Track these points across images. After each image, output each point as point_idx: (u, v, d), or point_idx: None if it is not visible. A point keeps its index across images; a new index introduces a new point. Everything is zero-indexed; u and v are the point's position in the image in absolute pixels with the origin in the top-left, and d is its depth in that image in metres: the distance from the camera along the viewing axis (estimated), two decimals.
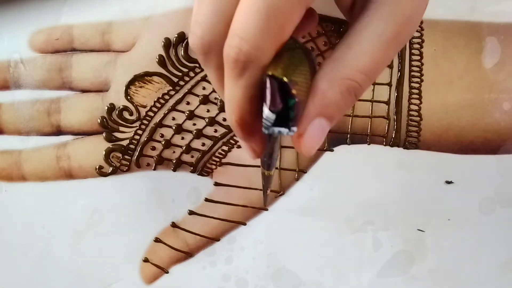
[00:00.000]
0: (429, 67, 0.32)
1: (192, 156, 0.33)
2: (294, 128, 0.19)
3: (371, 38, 0.19)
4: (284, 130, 0.19)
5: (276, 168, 0.33)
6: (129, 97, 0.32)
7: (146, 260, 0.33)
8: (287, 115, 0.18)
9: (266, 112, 0.18)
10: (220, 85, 0.21)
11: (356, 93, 0.20)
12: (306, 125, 0.19)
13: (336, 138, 0.32)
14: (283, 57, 0.19)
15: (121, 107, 0.32)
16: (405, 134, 0.32)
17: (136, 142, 0.33)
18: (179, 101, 0.32)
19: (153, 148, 0.33)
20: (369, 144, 0.32)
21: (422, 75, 0.32)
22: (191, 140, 0.33)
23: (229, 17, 0.19)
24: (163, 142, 0.33)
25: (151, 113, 0.33)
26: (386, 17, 0.19)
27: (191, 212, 0.33)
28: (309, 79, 0.19)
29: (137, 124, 0.33)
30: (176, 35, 0.32)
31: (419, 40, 0.32)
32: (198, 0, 0.20)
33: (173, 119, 0.33)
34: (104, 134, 0.33)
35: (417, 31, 0.32)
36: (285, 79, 0.18)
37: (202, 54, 0.20)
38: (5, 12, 0.33)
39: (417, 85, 0.32)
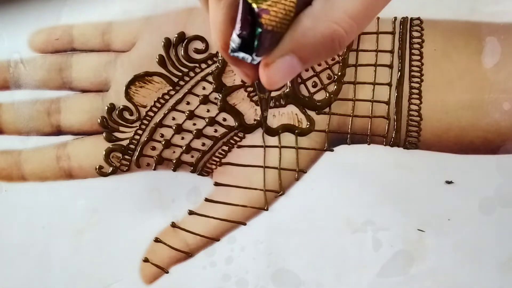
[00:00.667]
0: (429, 67, 0.32)
1: (192, 156, 0.33)
2: (257, 58, 0.18)
3: None
4: (247, 56, 0.18)
5: (276, 168, 0.33)
6: (129, 97, 0.32)
7: (146, 260, 0.33)
8: (251, 43, 0.17)
9: (233, 35, 0.18)
10: (206, 5, 0.20)
11: (340, 42, 0.18)
12: (275, 56, 0.18)
13: (336, 138, 0.32)
14: None
15: (121, 107, 0.32)
16: (405, 134, 0.32)
17: (136, 142, 0.33)
18: (179, 101, 0.32)
19: (153, 148, 0.33)
20: (369, 144, 0.32)
21: (422, 75, 0.32)
22: (191, 140, 0.33)
23: None
24: (163, 142, 0.33)
25: (151, 113, 0.33)
26: None
27: (191, 212, 0.33)
28: (292, 11, 0.18)
29: (137, 124, 0.33)
30: (176, 35, 0.32)
31: (419, 40, 0.32)
32: None
33: (173, 119, 0.33)
34: (104, 134, 0.33)
35: (417, 31, 0.32)
36: (254, 5, 0.17)
37: None
38: (5, 12, 0.33)
39: (417, 85, 0.32)
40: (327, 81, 0.32)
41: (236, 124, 0.32)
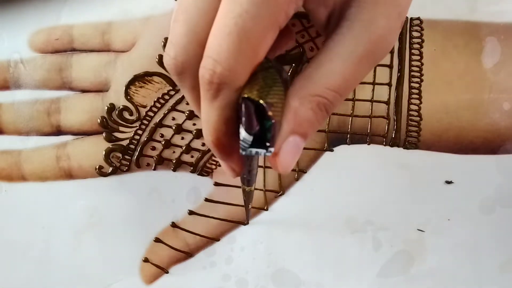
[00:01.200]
0: (429, 67, 0.32)
1: (192, 156, 0.33)
2: (272, 149, 0.19)
3: (342, 56, 0.19)
4: (261, 151, 0.19)
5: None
6: (129, 97, 0.32)
7: (146, 260, 0.33)
8: (264, 136, 0.18)
9: (243, 134, 0.18)
10: (196, 104, 0.21)
11: (327, 109, 0.20)
12: (280, 143, 0.20)
13: (336, 138, 0.32)
14: (258, 78, 0.19)
15: (121, 107, 0.32)
16: (405, 134, 0.32)
17: (136, 142, 0.33)
18: (179, 101, 0.32)
19: (153, 148, 0.33)
20: (369, 144, 0.32)
21: (422, 75, 0.32)
22: (191, 140, 0.33)
23: (202, 38, 0.19)
24: (163, 142, 0.33)
25: (151, 113, 0.33)
26: (359, 35, 0.19)
27: (191, 212, 0.33)
28: (283, 98, 0.19)
29: (137, 124, 0.33)
30: None
31: (419, 40, 0.32)
32: (172, 21, 0.20)
33: (173, 119, 0.33)
34: (104, 134, 0.33)
35: (417, 31, 0.32)
36: (261, 101, 0.18)
37: (176, 75, 0.20)
38: (5, 12, 0.33)
39: (417, 85, 0.32)
40: None
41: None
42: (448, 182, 0.32)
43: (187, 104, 0.32)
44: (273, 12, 0.18)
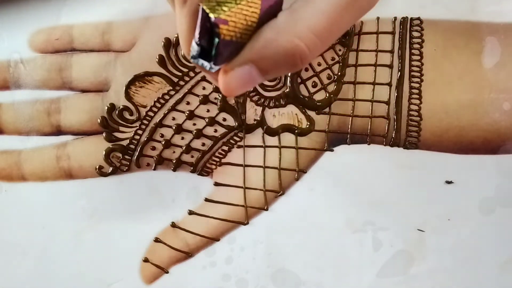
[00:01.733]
0: (429, 67, 0.32)
1: (192, 156, 0.33)
2: (215, 67, 0.18)
3: None
4: (206, 64, 0.18)
5: (276, 168, 0.33)
6: (129, 97, 0.32)
7: (146, 260, 0.33)
8: (210, 51, 0.17)
9: (193, 42, 0.18)
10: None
11: (302, 58, 0.18)
12: (235, 65, 0.18)
13: (336, 138, 0.32)
14: None
15: (121, 107, 0.32)
16: (405, 134, 0.32)
17: (136, 142, 0.33)
18: (179, 101, 0.32)
19: (153, 148, 0.33)
20: (369, 144, 0.32)
21: (422, 75, 0.32)
22: (191, 140, 0.33)
23: None
24: (163, 142, 0.33)
25: (151, 113, 0.33)
26: None
27: (191, 212, 0.33)
28: (253, 21, 0.18)
29: (137, 124, 0.33)
30: (176, 35, 0.32)
31: (419, 40, 0.32)
32: None
33: (173, 119, 0.33)
34: (104, 134, 0.33)
35: (417, 31, 0.32)
36: (211, 15, 0.17)
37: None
38: (5, 12, 0.33)
39: (417, 85, 0.32)
40: (327, 81, 0.32)
41: (236, 124, 0.32)
42: (448, 182, 0.32)
43: (187, 104, 0.32)
44: None
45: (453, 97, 0.31)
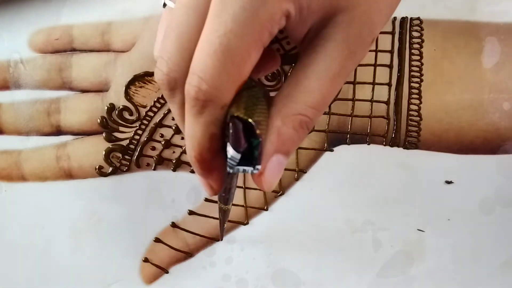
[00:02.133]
0: (429, 67, 0.32)
1: None
2: (258, 166, 0.19)
3: (319, 74, 0.20)
4: (248, 168, 0.19)
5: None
6: (129, 97, 0.32)
7: (146, 260, 0.33)
8: (252, 154, 0.19)
9: (231, 152, 0.18)
10: (182, 121, 0.21)
11: (308, 126, 0.20)
12: (265, 162, 0.20)
13: (336, 138, 0.32)
14: (243, 97, 0.19)
15: (121, 107, 0.32)
16: (405, 134, 0.32)
17: (136, 142, 0.33)
18: None
19: (153, 148, 0.33)
20: (369, 144, 0.32)
21: (422, 75, 0.32)
22: None
23: (193, 54, 0.19)
24: (163, 142, 0.33)
25: (151, 113, 0.33)
26: (333, 54, 0.20)
27: (191, 212, 0.33)
28: (267, 116, 0.20)
29: (137, 124, 0.33)
30: None
31: (419, 40, 0.32)
32: (163, 36, 0.20)
33: (173, 119, 0.33)
34: (104, 134, 0.33)
35: (417, 31, 0.32)
36: (250, 120, 0.18)
37: (168, 90, 0.20)
38: (5, 12, 0.33)
39: (417, 85, 0.32)
40: None
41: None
42: (448, 182, 0.32)
43: None
44: (257, 31, 0.18)
45: (453, 97, 0.31)
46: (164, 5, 0.25)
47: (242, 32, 0.18)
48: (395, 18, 0.32)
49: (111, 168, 0.33)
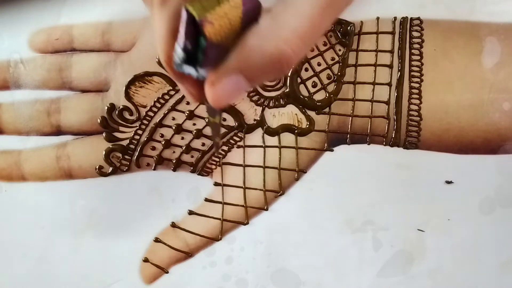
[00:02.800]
0: (429, 67, 0.32)
1: (192, 156, 0.33)
2: (203, 72, 0.17)
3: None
4: (192, 71, 0.17)
5: (276, 168, 0.32)
6: (129, 97, 0.32)
7: (146, 260, 0.33)
8: (196, 56, 0.17)
9: (177, 48, 0.17)
10: (197, 97, 0.20)
11: (288, 62, 0.18)
12: (222, 75, 0.18)
13: (336, 138, 0.32)
14: None
15: (121, 107, 0.32)
16: (405, 134, 0.32)
17: (136, 142, 0.33)
18: (179, 101, 0.32)
19: (153, 148, 0.33)
20: (369, 144, 0.32)
21: (422, 75, 0.32)
22: (191, 140, 0.33)
23: None
24: (163, 142, 0.33)
25: (151, 113, 0.33)
26: None
27: (191, 212, 0.33)
28: (237, 26, 0.17)
29: (137, 124, 0.33)
30: None
31: (419, 40, 0.32)
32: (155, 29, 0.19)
33: (173, 119, 0.32)
34: (104, 134, 0.33)
35: (417, 31, 0.32)
36: (197, 16, 0.16)
37: (175, 74, 0.19)
38: (5, 12, 0.33)
39: (417, 85, 0.32)
40: (327, 81, 0.32)
41: (236, 124, 0.32)
42: (448, 182, 0.32)
43: (187, 104, 0.32)
44: None
45: (453, 97, 0.31)
46: None
47: None
48: (395, 18, 0.32)
49: (111, 168, 0.33)
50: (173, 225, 0.33)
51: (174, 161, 0.33)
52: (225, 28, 0.17)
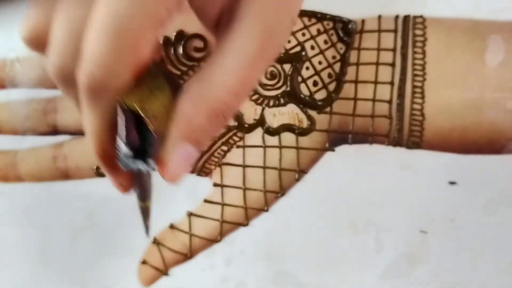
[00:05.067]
0: (432, 66, 0.31)
1: None
2: (154, 166, 0.17)
3: (237, 53, 0.18)
4: (143, 166, 0.17)
5: (276, 169, 0.32)
6: None
7: (144, 262, 0.33)
8: (145, 151, 0.17)
9: (122, 147, 0.17)
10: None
11: (225, 116, 0.18)
12: (169, 152, 0.18)
13: (337, 137, 0.32)
14: (142, 86, 0.17)
15: None
16: (407, 133, 0.32)
17: None
18: None
19: None
20: (371, 144, 0.32)
21: (425, 73, 0.31)
22: None
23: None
24: None
25: None
26: (250, 31, 0.18)
27: (190, 213, 0.33)
28: (170, 107, 0.18)
29: None
30: (175, 34, 0.32)
31: (422, 39, 0.31)
32: (53, 20, 0.18)
33: None
34: None
35: (419, 29, 0.31)
36: (142, 113, 0.16)
37: (62, 85, 0.18)
38: (1, 10, 0.33)
39: (420, 84, 0.31)
40: (328, 80, 0.32)
41: (235, 124, 0.32)
42: (452, 183, 0.32)
43: None
44: (152, 8, 0.16)
45: (457, 96, 0.31)
46: None
47: (135, 9, 0.16)
48: (397, 16, 0.32)
49: None
50: (172, 226, 0.33)
51: None
52: (164, 116, 0.17)
